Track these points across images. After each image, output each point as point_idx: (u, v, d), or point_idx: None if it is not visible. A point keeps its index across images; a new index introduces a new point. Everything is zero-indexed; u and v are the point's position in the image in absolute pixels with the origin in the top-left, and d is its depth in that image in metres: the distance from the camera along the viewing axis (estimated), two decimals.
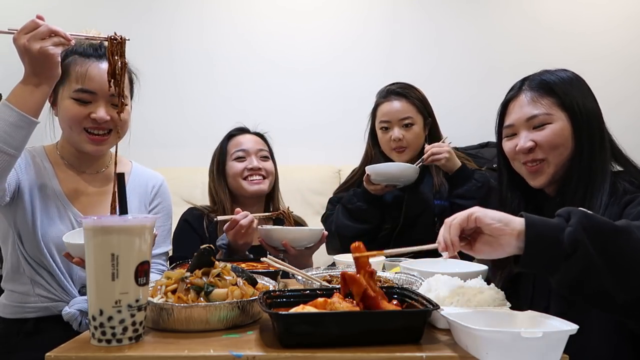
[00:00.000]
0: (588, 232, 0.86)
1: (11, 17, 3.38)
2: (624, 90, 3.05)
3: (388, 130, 2.00)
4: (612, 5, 3.09)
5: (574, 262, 0.85)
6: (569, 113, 1.21)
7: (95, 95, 1.36)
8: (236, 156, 1.88)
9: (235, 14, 3.09)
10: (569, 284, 0.88)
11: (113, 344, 0.79)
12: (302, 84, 3.08)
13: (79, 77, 1.35)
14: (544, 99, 1.23)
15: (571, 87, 1.23)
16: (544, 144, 1.21)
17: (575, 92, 1.22)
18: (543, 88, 1.24)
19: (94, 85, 1.35)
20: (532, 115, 1.23)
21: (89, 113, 1.35)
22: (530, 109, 1.23)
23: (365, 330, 0.80)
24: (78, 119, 1.36)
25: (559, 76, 1.25)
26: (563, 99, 1.21)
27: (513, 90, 1.31)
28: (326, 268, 1.26)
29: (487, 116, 1.33)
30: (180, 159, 3.01)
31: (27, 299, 1.35)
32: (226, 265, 0.98)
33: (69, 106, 1.36)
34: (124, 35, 1.31)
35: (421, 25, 3.11)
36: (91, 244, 0.80)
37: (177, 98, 3.07)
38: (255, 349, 0.77)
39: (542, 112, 1.22)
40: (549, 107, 1.22)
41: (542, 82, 1.25)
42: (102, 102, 1.36)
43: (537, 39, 3.06)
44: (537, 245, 0.87)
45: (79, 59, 1.37)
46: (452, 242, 0.91)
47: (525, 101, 1.25)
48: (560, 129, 1.20)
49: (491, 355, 0.73)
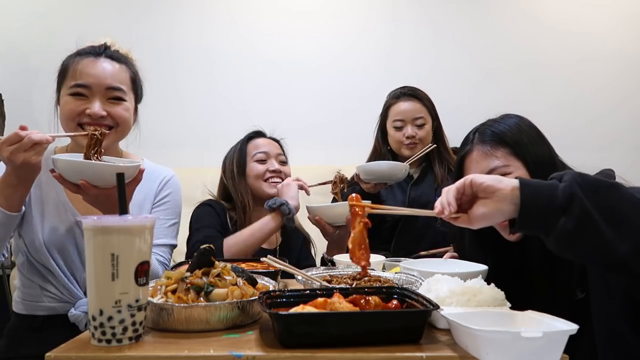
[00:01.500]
0: (582, 187, 0.86)
1: (11, 17, 3.40)
2: (624, 90, 3.05)
3: (401, 129, 2.10)
4: (612, 5, 3.09)
5: (571, 216, 0.85)
6: (523, 161, 1.20)
7: (90, 90, 1.34)
8: (257, 158, 1.88)
9: (236, 13, 3.10)
10: (568, 241, 0.87)
11: (113, 344, 0.79)
12: (302, 84, 3.09)
13: (74, 73, 1.35)
14: (498, 151, 1.21)
15: (520, 134, 1.22)
16: None
17: (525, 139, 1.21)
18: (495, 140, 1.22)
19: (89, 79, 1.34)
20: (490, 169, 1.20)
21: (84, 109, 1.33)
22: (487, 163, 1.21)
23: (365, 330, 0.80)
24: (73, 115, 1.33)
25: (507, 125, 1.24)
26: (515, 148, 1.20)
27: (466, 145, 1.29)
28: (326, 268, 1.26)
29: (486, 116, 1.32)
30: (180, 159, 3.01)
31: (38, 299, 1.39)
32: (226, 265, 0.98)
33: (66, 102, 1.35)
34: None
35: (421, 25, 3.11)
36: (91, 244, 0.80)
37: (178, 98, 3.08)
38: (255, 349, 0.77)
39: (500, 165, 1.20)
40: (505, 158, 1.20)
41: (493, 134, 1.24)
42: (98, 97, 1.34)
43: (537, 39, 3.06)
44: (532, 202, 0.87)
45: (77, 58, 1.37)
46: (448, 202, 0.93)
47: (480, 155, 1.23)
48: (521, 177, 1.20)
49: (491, 355, 0.73)
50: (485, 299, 0.92)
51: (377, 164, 1.92)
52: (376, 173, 1.85)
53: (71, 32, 3.04)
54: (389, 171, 1.85)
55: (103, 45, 1.42)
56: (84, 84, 1.33)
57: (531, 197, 0.88)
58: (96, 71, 1.34)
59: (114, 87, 1.36)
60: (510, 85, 3.04)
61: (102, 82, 1.33)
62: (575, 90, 3.03)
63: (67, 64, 1.38)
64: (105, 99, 1.35)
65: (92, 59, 1.37)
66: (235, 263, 1.14)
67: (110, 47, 1.43)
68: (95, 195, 1.20)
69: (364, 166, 1.88)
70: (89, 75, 1.34)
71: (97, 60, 1.37)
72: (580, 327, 0.75)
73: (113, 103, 1.37)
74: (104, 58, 1.39)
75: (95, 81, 1.34)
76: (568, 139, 1.29)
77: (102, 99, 1.35)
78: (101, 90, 1.34)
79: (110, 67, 1.38)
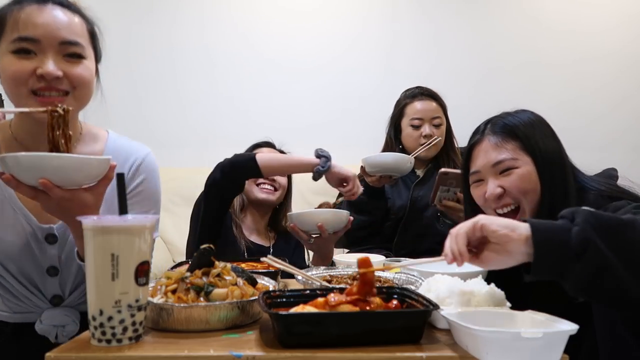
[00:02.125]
0: (596, 229, 0.83)
1: None
2: (623, 90, 3.05)
3: (419, 128, 2.12)
4: (612, 5, 3.09)
5: (587, 262, 0.82)
6: (532, 157, 1.20)
7: (39, 45, 1.04)
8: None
9: (236, 13, 3.09)
10: (585, 286, 0.84)
11: (113, 344, 0.79)
12: (303, 84, 3.09)
13: (16, 24, 1.04)
14: (508, 144, 1.22)
15: (533, 129, 1.22)
16: (512, 189, 1.20)
17: (536, 135, 1.21)
18: (506, 132, 1.23)
19: (37, 31, 1.04)
20: (497, 161, 1.21)
21: (34, 69, 1.04)
22: (495, 155, 1.22)
23: (365, 330, 0.80)
24: (21, 78, 1.04)
25: (520, 119, 1.24)
26: (525, 142, 1.21)
27: (476, 134, 1.29)
28: (326, 268, 1.26)
29: (486, 116, 1.32)
30: (180, 159, 3.01)
31: (1, 308, 1.23)
32: (226, 265, 0.98)
33: (8, 63, 1.04)
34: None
35: (421, 25, 3.11)
36: (91, 244, 0.80)
37: (178, 98, 3.07)
38: (255, 349, 0.77)
39: (508, 157, 1.20)
40: (514, 151, 1.21)
41: (505, 126, 1.24)
42: (51, 53, 1.05)
43: (537, 39, 3.06)
44: (546, 249, 0.84)
45: (16, 6, 1.07)
46: (460, 252, 0.88)
47: (490, 146, 1.24)
48: (528, 172, 1.19)
49: (491, 355, 0.73)
50: (485, 299, 0.92)
51: (382, 156, 1.91)
52: (381, 165, 1.84)
53: None
54: (394, 163, 1.83)
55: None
56: (30, 37, 1.03)
57: (545, 244, 0.84)
58: (45, 20, 1.04)
59: (69, 41, 1.07)
60: (510, 85, 3.04)
61: (55, 35, 1.05)
62: (575, 90, 3.03)
63: (4, 13, 1.07)
64: (60, 56, 1.06)
65: (36, 6, 1.06)
66: (235, 263, 1.14)
67: None
68: (59, 199, 0.93)
69: (369, 158, 1.86)
70: (36, 26, 1.04)
71: (44, 6, 1.06)
72: (581, 330, 0.75)
73: (70, 61, 1.08)
74: (52, 5, 1.08)
75: (45, 33, 1.04)
76: (568, 139, 1.29)
77: (55, 56, 1.05)
78: (54, 44, 1.05)
79: (62, 16, 1.08)
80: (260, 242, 1.85)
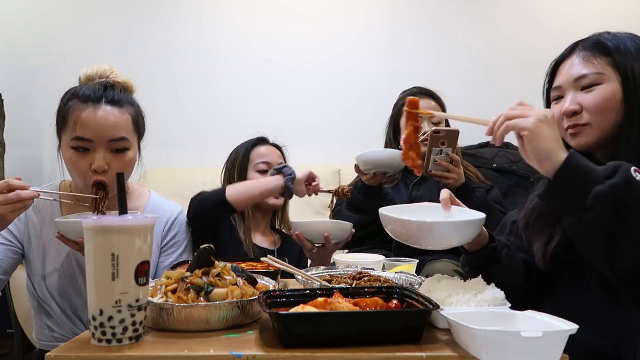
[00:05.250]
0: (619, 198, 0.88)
1: (11, 17, 3.39)
2: None
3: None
4: (612, 5, 3.09)
5: (589, 217, 0.90)
6: (622, 75, 1.08)
7: (92, 143, 1.30)
8: (259, 168, 1.86)
9: (236, 13, 3.10)
10: (579, 235, 0.93)
11: (113, 344, 0.79)
12: (303, 84, 3.09)
13: (75, 124, 1.30)
14: (596, 59, 1.11)
15: (629, 50, 1.10)
16: (590, 107, 1.09)
17: (632, 52, 1.09)
18: (597, 47, 1.12)
19: (91, 133, 1.29)
20: (580, 75, 1.11)
21: (90, 164, 1.30)
22: (579, 69, 1.12)
23: (365, 330, 0.80)
24: (82, 174, 1.31)
25: (618, 37, 1.12)
26: (617, 60, 1.09)
27: (566, 50, 1.20)
28: (326, 268, 1.26)
29: (486, 116, 1.32)
30: (180, 159, 3.01)
31: (49, 339, 1.41)
32: (226, 265, 0.98)
33: (70, 157, 1.32)
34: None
35: (420, 25, 3.11)
36: (91, 244, 0.80)
37: (177, 98, 3.08)
38: (255, 349, 0.77)
39: (593, 72, 1.10)
40: (602, 67, 1.10)
41: (597, 41, 1.13)
42: (101, 150, 1.30)
43: (537, 39, 3.06)
44: (562, 190, 0.93)
45: (77, 104, 1.31)
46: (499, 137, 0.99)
47: (577, 61, 1.14)
48: (612, 92, 1.08)
49: (491, 355, 0.73)
50: (485, 299, 0.92)
51: (374, 152, 1.90)
52: (373, 162, 1.83)
53: (71, 32, 3.09)
54: (386, 159, 1.82)
55: (102, 86, 1.34)
56: (85, 138, 1.29)
57: (562, 186, 0.93)
58: (97, 123, 1.29)
59: (116, 139, 1.32)
60: (509, 85, 3.04)
61: (105, 135, 1.29)
62: None
63: (66, 109, 1.33)
64: (109, 151, 1.32)
65: (92, 109, 1.30)
66: (236, 263, 1.14)
67: (110, 85, 1.36)
68: None
69: (362, 155, 1.86)
70: (90, 129, 1.29)
71: (97, 108, 1.30)
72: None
73: (116, 154, 1.33)
74: (105, 105, 1.32)
75: (97, 134, 1.29)
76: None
77: (105, 151, 1.31)
78: (104, 142, 1.30)
79: (111, 117, 1.32)
80: (266, 246, 1.84)
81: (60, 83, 1.44)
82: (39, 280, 1.39)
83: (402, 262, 1.41)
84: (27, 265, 1.41)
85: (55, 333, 1.40)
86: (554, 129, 0.95)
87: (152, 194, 1.55)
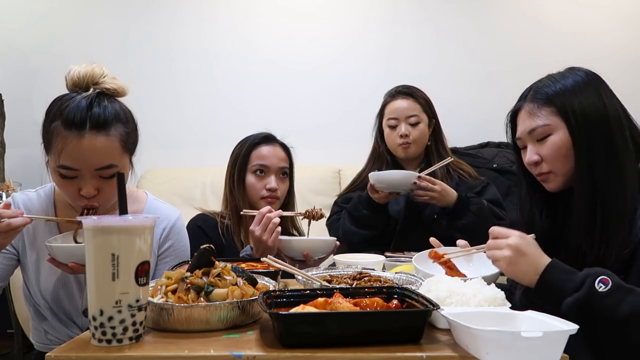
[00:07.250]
0: (583, 309, 0.97)
1: (11, 17, 3.39)
2: (623, 90, 3.04)
3: (395, 128, 2.09)
4: (612, 6, 3.09)
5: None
6: (565, 121, 1.16)
7: (79, 171, 1.22)
8: (256, 169, 1.80)
9: (235, 13, 3.10)
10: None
11: (113, 344, 0.79)
12: (303, 84, 3.09)
13: (59, 152, 1.21)
14: (541, 110, 1.19)
15: (572, 91, 1.17)
16: (547, 157, 1.19)
17: (575, 97, 1.16)
18: (541, 97, 1.20)
19: (76, 164, 1.21)
20: (532, 129, 1.20)
21: (78, 190, 1.24)
22: (530, 123, 1.21)
23: (365, 330, 0.80)
24: (71, 198, 1.27)
25: (558, 80, 1.21)
26: (559, 106, 1.17)
27: (520, 100, 1.27)
28: (326, 268, 1.26)
29: (487, 116, 1.33)
30: (180, 159, 3.01)
31: (45, 342, 1.43)
32: (226, 265, 0.98)
33: (58, 180, 1.26)
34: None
35: (421, 25, 3.11)
36: (91, 244, 0.80)
37: (177, 98, 3.08)
38: (255, 349, 0.77)
39: (540, 125, 1.19)
40: (547, 117, 1.18)
41: (539, 91, 1.22)
42: (88, 177, 1.23)
43: (537, 39, 3.06)
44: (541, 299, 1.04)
45: (60, 130, 1.21)
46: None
47: (526, 114, 1.22)
48: (560, 140, 1.17)
49: (491, 355, 0.73)
50: (485, 299, 0.92)
51: (390, 173, 1.93)
52: (389, 182, 1.85)
53: (71, 32, 3.09)
54: (402, 180, 1.85)
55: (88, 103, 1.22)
56: (72, 168, 1.22)
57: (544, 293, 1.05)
58: (82, 154, 1.20)
59: (104, 167, 1.24)
60: (510, 86, 3.00)
61: (91, 165, 1.22)
62: None
63: (51, 130, 1.23)
64: (97, 177, 1.24)
65: (76, 139, 1.20)
66: (236, 263, 1.14)
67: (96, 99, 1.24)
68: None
69: (377, 175, 1.88)
70: (75, 160, 1.21)
71: (81, 137, 1.20)
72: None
73: (105, 182, 1.25)
74: (89, 131, 1.20)
75: (83, 165, 1.21)
76: None
77: (92, 178, 1.23)
78: (91, 171, 1.23)
79: (98, 145, 1.21)
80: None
81: (60, 83, 1.44)
82: (33, 285, 1.38)
83: (402, 262, 1.41)
84: (23, 270, 1.41)
85: (51, 336, 1.41)
86: (526, 253, 1.06)
87: (149, 196, 1.50)
